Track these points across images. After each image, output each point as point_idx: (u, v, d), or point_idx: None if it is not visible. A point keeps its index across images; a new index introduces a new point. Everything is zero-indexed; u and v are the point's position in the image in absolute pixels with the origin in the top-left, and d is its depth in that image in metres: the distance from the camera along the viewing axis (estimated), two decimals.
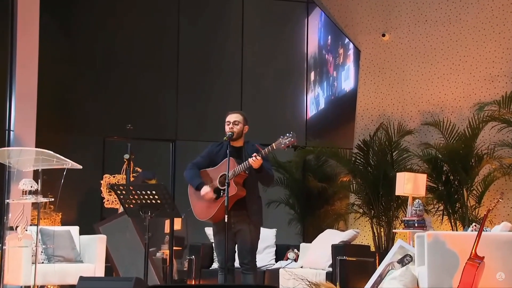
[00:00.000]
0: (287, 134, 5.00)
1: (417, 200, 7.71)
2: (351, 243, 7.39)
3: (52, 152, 5.89)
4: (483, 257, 5.31)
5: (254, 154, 5.08)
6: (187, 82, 10.94)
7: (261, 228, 5.42)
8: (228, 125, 5.35)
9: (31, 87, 9.22)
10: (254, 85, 11.35)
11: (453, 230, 8.63)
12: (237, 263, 5.36)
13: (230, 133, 5.31)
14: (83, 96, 10.38)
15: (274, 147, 5.05)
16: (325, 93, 11.73)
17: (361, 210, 9.62)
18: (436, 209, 9.01)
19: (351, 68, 11.06)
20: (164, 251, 10.37)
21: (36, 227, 6.31)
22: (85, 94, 10.39)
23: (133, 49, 10.77)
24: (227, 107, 5.67)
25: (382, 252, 8.81)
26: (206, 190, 5.28)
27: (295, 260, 7.72)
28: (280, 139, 5.02)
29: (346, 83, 11.27)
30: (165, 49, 11.00)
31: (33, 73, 9.25)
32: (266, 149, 5.08)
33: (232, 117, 5.37)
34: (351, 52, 11.11)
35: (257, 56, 11.44)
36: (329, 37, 11.75)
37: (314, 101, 11.82)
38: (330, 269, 6.99)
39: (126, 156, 8.17)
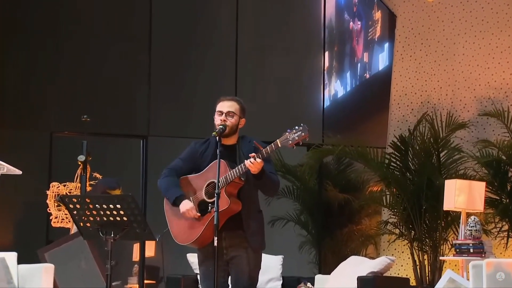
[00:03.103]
0: (296, 127, 5.00)
1: (472, 217, 7.71)
2: (384, 274, 7.41)
3: None
4: None
5: (252, 154, 5.04)
6: (163, 61, 10.96)
7: (263, 254, 5.39)
8: (220, 115, 5.31)
9: None
10: (253, 65, 11.36)
11: None
12: None
13: (221, 126, 5.26)
14: (23, 78, 10.38)
15: (279, 145, 5.04)
16: (347, 85, 11.70)
17: (397, 231, 9.64)
18: (498, 229, 9.03)
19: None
20: (132, 285, 10.41)
21: None
22: (26, 75, 10.38)
23: (93, 17, 10.79)
24: (216, 95, 5.61)
25: (426, 286, 8.86)
26: (186, 205, 5.23)
27: None
28: (287, 133, 5.01)
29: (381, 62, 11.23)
30: (135, 17, 11.01)
31: None
32: (268, 147, 5.05)
33: (226, 106, 5.33)
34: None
35: (257, 27, 11.43)
36: None
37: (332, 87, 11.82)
38: None
39: (81, 158, 8.17)
